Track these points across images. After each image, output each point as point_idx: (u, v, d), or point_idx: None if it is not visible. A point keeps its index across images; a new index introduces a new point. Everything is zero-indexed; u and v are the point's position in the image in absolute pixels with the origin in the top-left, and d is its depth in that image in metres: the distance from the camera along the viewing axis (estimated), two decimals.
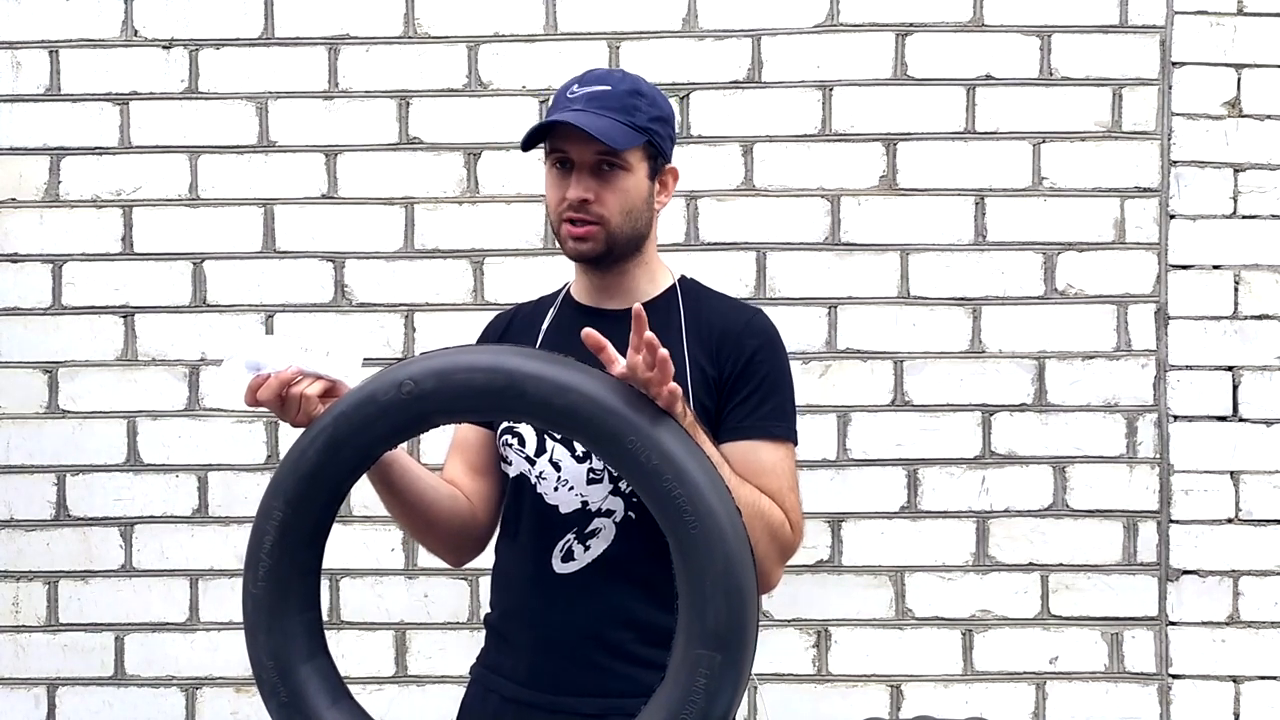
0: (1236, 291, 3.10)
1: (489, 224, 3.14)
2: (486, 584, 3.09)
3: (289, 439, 3.11)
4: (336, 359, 1.86)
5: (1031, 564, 3.10)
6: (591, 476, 1.94)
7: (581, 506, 1.95)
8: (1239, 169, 3.10)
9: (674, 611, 1.84)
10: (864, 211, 3.12)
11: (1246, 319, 3.10)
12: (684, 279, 2.08)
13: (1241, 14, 3.09)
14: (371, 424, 1.77)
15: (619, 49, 3.13)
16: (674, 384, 1.73)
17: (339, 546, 3.13)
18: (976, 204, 3.12)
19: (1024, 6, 3.11)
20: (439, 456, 2.19)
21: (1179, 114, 3.10)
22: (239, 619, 3.20)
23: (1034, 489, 3.10)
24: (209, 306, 3.17)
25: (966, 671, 3.11)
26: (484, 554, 2.13)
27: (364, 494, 3.11)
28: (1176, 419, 3.10)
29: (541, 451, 1.97)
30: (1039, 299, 3.11)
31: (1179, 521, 3.09)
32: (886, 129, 3.12)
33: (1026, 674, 3.11)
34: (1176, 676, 3.09)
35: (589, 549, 1.94)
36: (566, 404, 1.70)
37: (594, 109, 1.92)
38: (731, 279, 3.10)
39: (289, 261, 3.16)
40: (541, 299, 2.14)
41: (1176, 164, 3.10)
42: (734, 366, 1.95)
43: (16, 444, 3.18)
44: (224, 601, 3.15)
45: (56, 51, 3.18)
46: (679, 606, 1.73)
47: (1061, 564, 3.10)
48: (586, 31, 3.12)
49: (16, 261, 3.18)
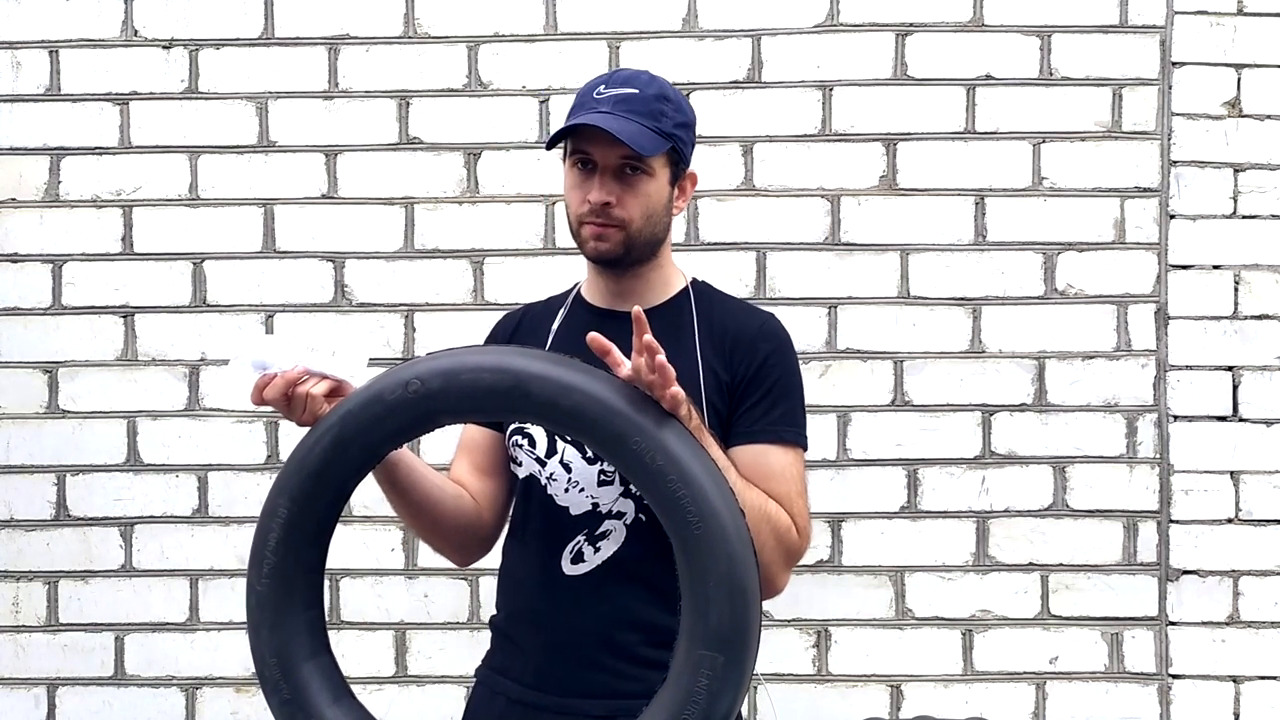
0: (1236, 291, 3.10)
1: (489, 224, 3.14)
2: (487, 584, 3.10)
3: (289, 439, 3.12)
4: (342, 358, 1.86)
5: (1031, 564, 3.10)
6: (603, 478, 1.94)
7: (592, 508, 1.94)
8: (1239, 169, 3.10)
9: (678, 613, 1.84)
10: (864, 211, 3.12)
11: (1246, 319, 3.10)
12: (696, 282, 2.08)
13: (1241, 14, 3.09)
14: (378, 423, 1.77)
15: (619, 49, 3.13)
16: (677, 388, 1.73)
17: (339, 546, 3.11)
18: (976, 204, 3.12)
19: (1024, 6, 3.11)
20: (442, 456, 2.19)
21: (1179, 114, 3.10)
22: (239, 619, 3.22)
23: (1034, 489, 3.11)
24: (209, 306, 3.17)
25: (966, 671, 3.11)
26: (488, 554, 2.13)
27: (364, 494, 3.11)
28: (1176, 419, 3.10)
29: (552, 453, 1.97)
30: (1039, 299, 3.11)
31: (1179, 521, 3.09)
32: (886, 129, 3.12)
33: (1026, 674, 3.11)
34: (1176, 676, 3.09)
35: (599, 551, 1.94)
36: (571, 405, 1.71)
37: (621, 112, 1.91)
38: (731, 279, 3.10)
39: (289, 261, 3.16)
40: (551, 299, 2.13)
41: (1176, 164, 3.10)
42: (746, 371, 1.95)
43: (16, 444, 3.18)
44: (224, 601, 3.15)
45: (56, 51, 3.18)
46: (682, 607, 1.73)
47: (1061, 564, 3.10)
48: (586, 31, 3.12)
49: (16, 261, 3.18)
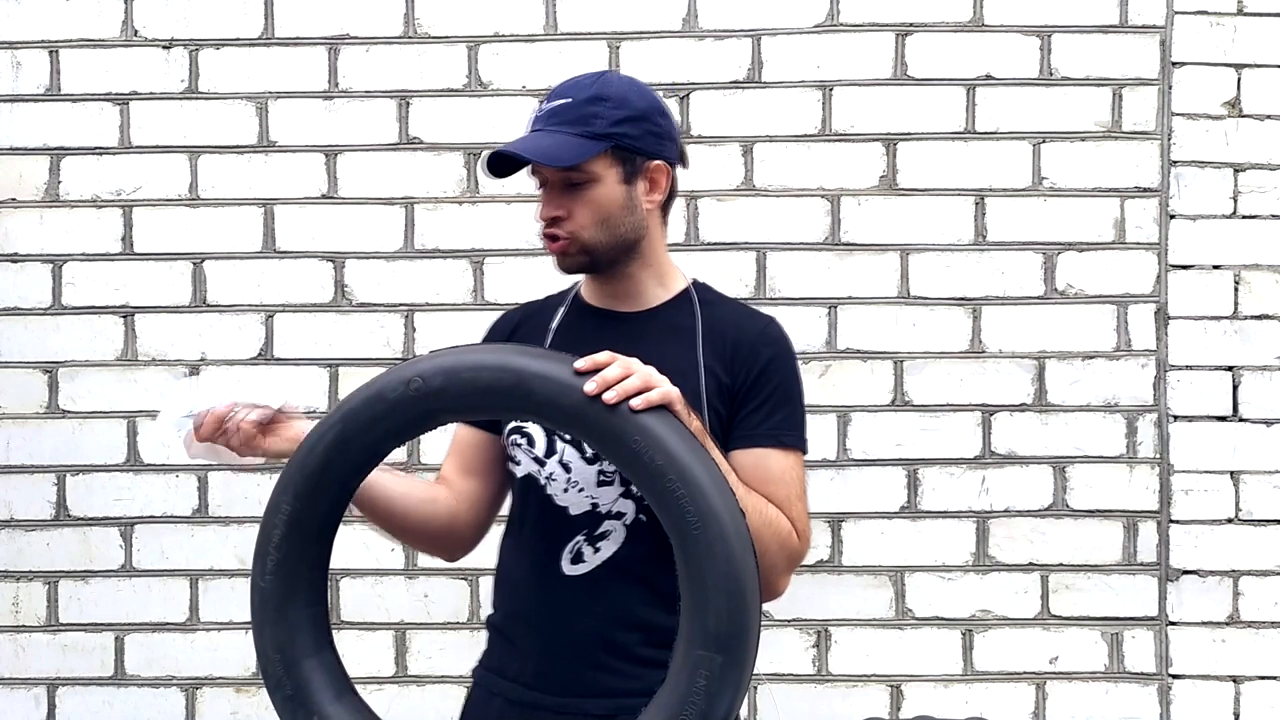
0: (1236, 291, 3.10)
1: (489, 224, 3.14)
2: (487, 584, 3.09)
3: None
4: (270, 392, 1.89)
5: (1031, 564, 3.10)
6: (602, 479, 1.94)
7: (591, 508, 1.94)
8: (1239, 169, 3.10)
9: (676, 613, 1.84)
10: (864, 211, 3.12)
11: (1246, 319, 3.10)
12: (697, 283, 2.06)
13: (1241, 14, 3.09)
14: (379, 421, 1.78)
15: (619, 49, 3.13)
16: (670, 389, 1.75)
17: (339, 546, 3.11)
18: (976, 204, 3.12)
19: (1024, 6, 3.11)
20: (439, 456, 2.18)
21: (1179, 114, 3.10)
22: (239, 619, 3.22)
23: (1034, 489, 3.10)
24: (209, 306, 3.17)
25: (966, 671, 3.11)
26: (484, 553, 2.13)
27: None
28: (1176, 419, 3.10)
29: (551, 453, 1.96)
30: (1039, 299, 3.11)
31: (1179, 521, 3.09)
32: (886, 129, 3.12)
33: (1026, 674, 3.11)
34: (1176, 676, 3.09)
35: (599, 551, 1.93)
36: (572, 404, 1.71)
37: (551, 126, 1.91)
38: (731, 279, 3.10)
39: (289, 261, 3.16)
40: (550, 298, 2.12)
41: (1176, 164, 3.10)
42: (748, 375, 1.94)
43: (16, 444, 3.17)
44: (224, 601, 3.15)
45: (56, 51, 3.18)
46: (681, 607, 1.73)
47: (1061, 564, 3.10)
48: (586, 31, 3.12)
49: (16, 261, 3.18)
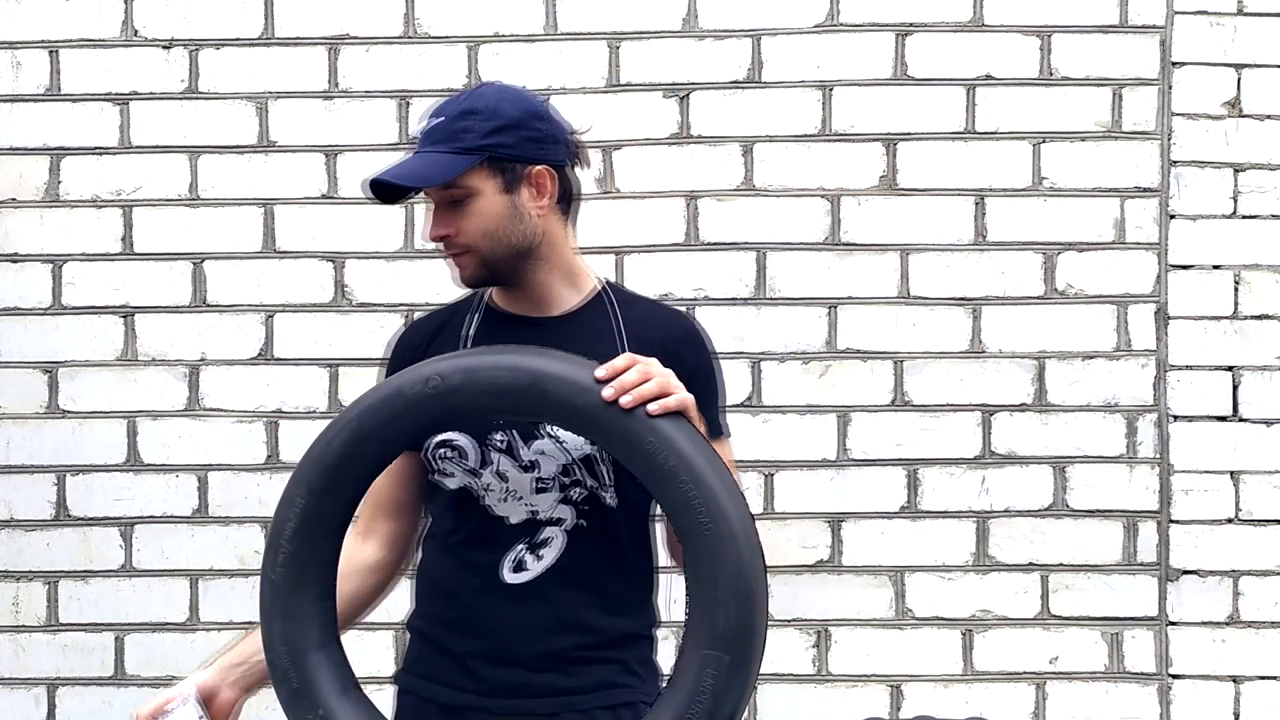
0: (1236, 291, 3.10)
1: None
2: None
3: (290, 440, 3.12)
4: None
5: (1031, 564, 3.10)
6: (539, 486, 1.94)
7: (531, 516, 1.94)
8: (1239, 169, 3.10)
9: (621, 612, 1.92)
10: (864, 211, 3.12)
11: (1246, 319, 3.10)
12: (608, 283, 2.06)
13: (1241, 14, 3.09)
14: (397, 419, 1.79)
15: (619, 49, 3.13)
16: (686, 395, 1.77)
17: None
18: (976, 204, 3.12)
19: (1024, 6, 3.10)
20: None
21: (1179, 114, 3.10)
22: (239, 619, 3.22)
23: (1034, 489, 3.10)
24: (209, 306, 3.17)
25: (966, 671, 3.11)
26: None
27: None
28: (1176, 419, 3.10)
29: (486, 464, 1.95)
30: (1039, 299, 3.11)
31: (1179, 521, 3.09)
32: (886, 129, 3.12)
33: (1026, 674, 3.11)
34: (1176, 676, 3.09)
35: (541, 558, 1.93)
36: (586, 405, 1.73)
37: (424, 147, 1.93)
38: (731, 279, 3.10)
39: (289, 261, 3.16)
40: (458, 305, 2.10)
41: (1176, 164, 3.10)
42: (680, 376, 1.91)
43: (16, 444, 3.17)
44: (224, 601, 3.15)
45: (56, 51, 3.18)
46: (688, 607, 1.74)
47: (1061, 564, 3.10)
48: (586, 31, 3.12)
49: (16, 261, 3.18)
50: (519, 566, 1.94)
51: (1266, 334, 3.09)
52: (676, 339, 1.99)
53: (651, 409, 1.73)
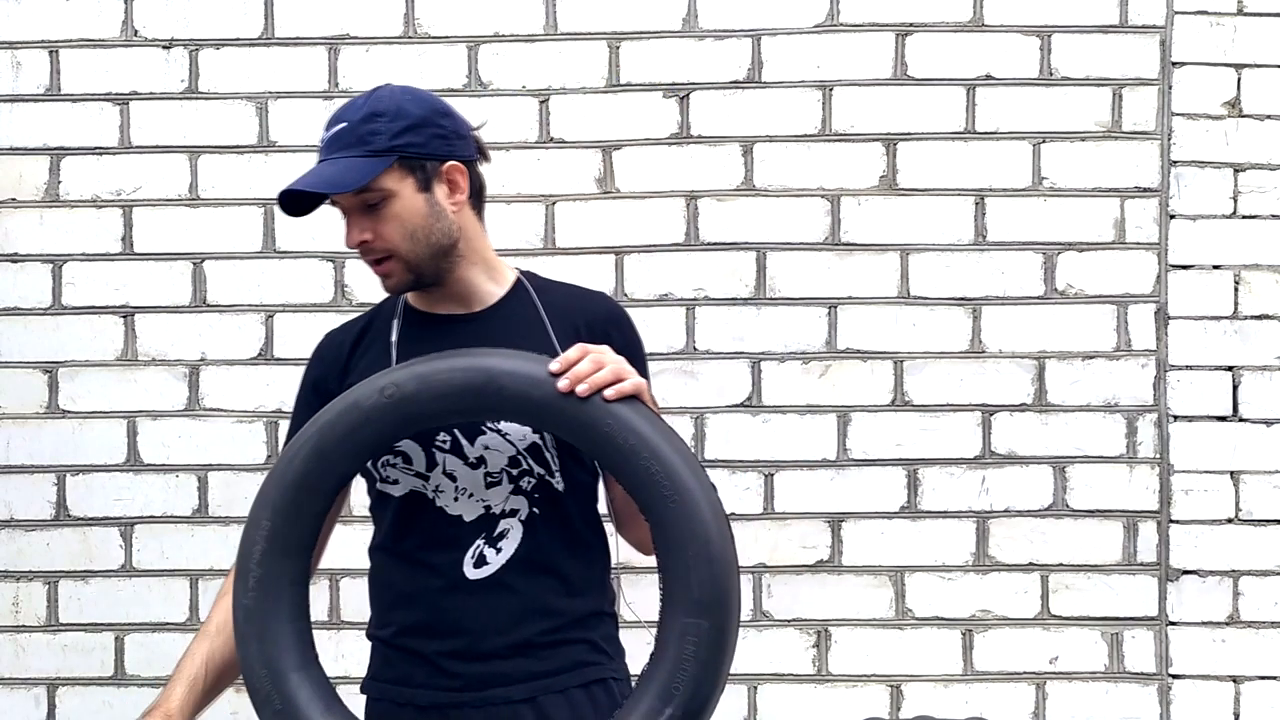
0: (1236, 291, 3.10)
1: (489, 224, 3.12)
2: None
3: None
4: None
5: (1031, 564, 3.10)
6: (489, 480, 1.95)
7: (485, 511, 1.95)
8: (1239, 169, 3.10)
9: (584, 593, 1.97)
10: (864, 211, 3.12)
11: (1246, 319, 3.10)
12: (525, 273, 2.07)
13: (1241, 14, 3.09)
14: (356, 431, 1.81)
15: (619, 49, 3.13)
16: (639, 378, 1.81)
17: (339, 546, 3.11)
18: (976, 204, 3.12)
19: (1024, 6, 3.11)
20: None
21: (1179, 114, 3.10)
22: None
23: (1034, 489, 3.11)
24: (209, 306, 3.17)
25: (966, 671, 3.11)
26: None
27: (364, 494, 3.10)
28: (1176, 419, 3.10)
29: (433, 465, 1.96)
30: (1039, 299, 3.11)
31: (1179, 521, 3.09)
32: (886, 129, 3.12)
33: (1026, 674, 3.11)
34: (1176, 676, 3.09)
35: (500, 551, 1.95)
36: (543, 396, 1.78)
37: (332, 153, 1.93)
38: (731, 279, 3.10)
39: (289, 261, 3.16)
40: (376, 312, 2.10)
41: (1176, 164, 3.10)
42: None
43: (16, 444, 3.17)
44: None
45: (56, 51, 3.18)
46: (662, 580, 1.78)
47: (1061, 564, 3.10)
48: (586, 31, 3.13)
49: (16, 261, 3.18)
50: (480, 561, 1.96)
51: (1266, 334, 3.09)
52: (601, 319, 2.02)
53: (608, 394, 1.77)
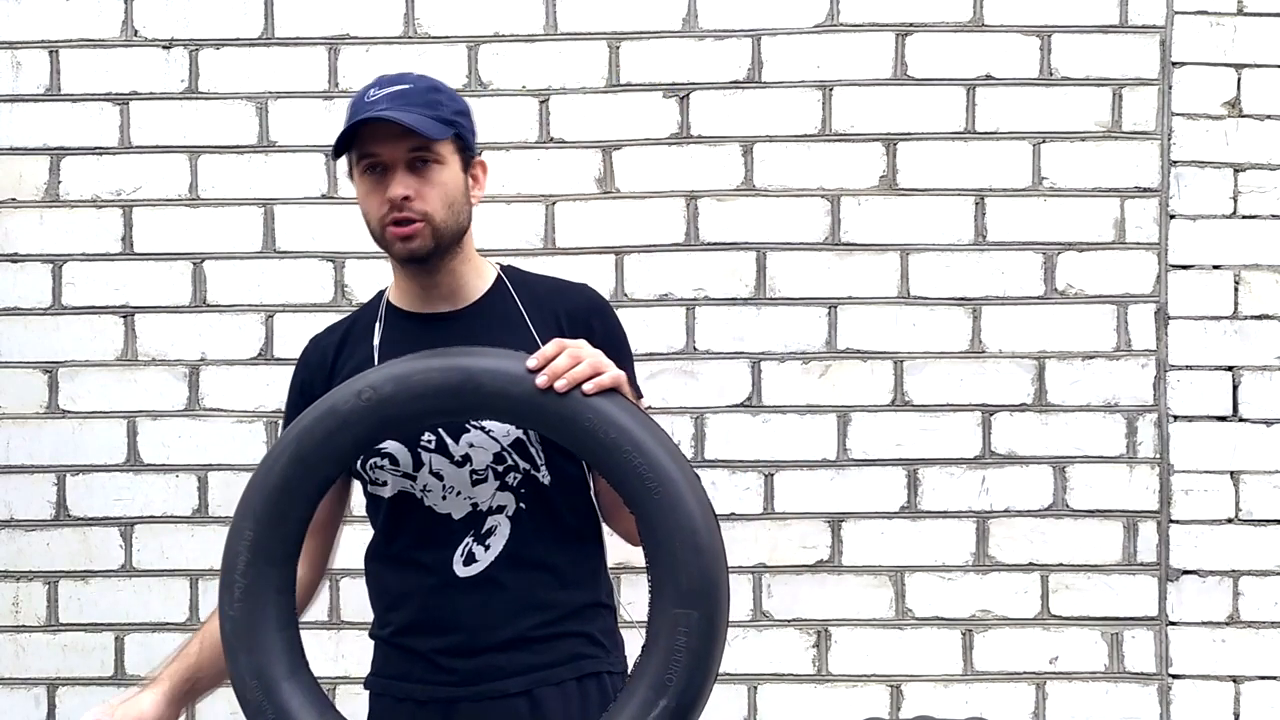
0: (1236, 291, 3.10)
1: (489, 224, 3.13)
2: None
3: None
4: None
5: (1031, 564, 3.10)
6: (475, 478, 1.96)
7: (473, 509, 1.96)
8: (1239, 169, 3.10)
9: (576, 586, 1.97)
10: (864, 211, 3.12)
11: (1246, 319, 3.10)
12: (506, 267, 2.08)
13: (1241, 14, 3.09)
14: (334, 436, 1.81)
15: (619, 49, 3.13)
16: (617, 371, 1.80)
17: (339, 547, 3.12)
18: (976, 204, 3.12)
19: (1024, 6, 3.11)
20: None
21: (1179, 114, 3.10)
22: None
23: (1034, 489, 3.11)
24: (209, 306, 3.17)
25: (966, 671, 3.11)
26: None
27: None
28: (1176, 419, 3.10)
29: (420, 465, 1.97)
30: (1039, 299, 3.11)
31: (1179, 521, 3.09)
32: (886, 129, 3.12)
33: (1026, 674, 3.11)
34: (1176, 676, 3.09)
35: (489, 548, 1.96)
36: (522, 393, 1.77)
37: (400, 106, 1.89)
38: (731, 279, 3.10)
39: (289, 261, 3.16)
40: (359, 314, 2.10)
41: (1176, 164, 3.10)
42: (589, 343, 1.93)
43: (16, 444, 3.17)
44: None
45: (56, 51, 3.18)
46: (650, 572, 1.78)
47: (1061, 564, 3.10)
48: (586, 31, 3.13)
49: (16, 261, 3.18)
50: (469, 559, 1.97)
51: (1266, 334, 3.09)
52: (582, 310, 2.02)
53: (587, 389, 1.76)
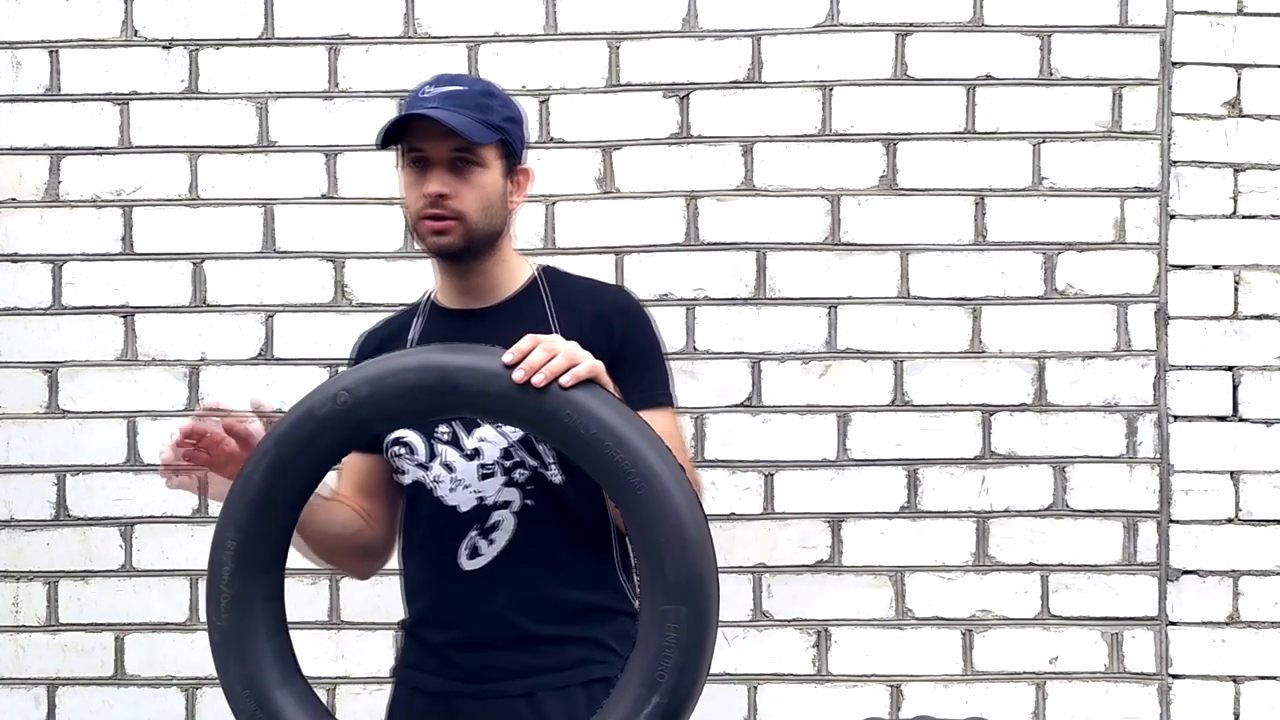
0: (1236, 291, 3.10)
1: None
2: None
3: None
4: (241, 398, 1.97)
5: (1031, 564, 3.10)
6: (483, 472, 1.98)
7: (479, 503, 1.99)
8: (1239, 169, 3.10)
9: (586, 588, 1.98)
10: (864, 211, 3.12)
11: (1246, 319, 3.10)
12: (545, 268, 2.11)
13: (1241, 14, 3.09)
14: (312, 441, 1.80)
15: (619, 49, 3.13)
16: (594, 362, 1.79)
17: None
18: (976, 204, 3.12)
19: (1024, 6, 3.11)
20: None
21: (1179, 114, 3.10)
22: None
23: (1034, 489, 3.10)
24: (209, 306, 3.17)
25: (966, 671, 3.11)
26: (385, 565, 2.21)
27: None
28: (1176, 419, 3.10)
29: (433, 456, 2.00)
30: (1039, 299, 3.11)
31: (1179, 521, 3.09)
32: (886, 129, 3.12)
33: (1026, 674, 3.11)
34: (1176, 676, 3.09)
35: (493, 543, 1.98)
36: (499, 390, 1.75)
37: (450, 107, 1.96)
38: (731, 279, 3.10)
39: (289, 261, 3.16)
40: (406, 310, 2.17)
41: (1176, 164, 3.10)
42: (612, 343, 1.99)
43: (16, 444, 3.17)
44: None
45: (56, 51, 3.18)
46: (639, 568, 1.77)
47: (1061, 564, 3.10)
48: (586, 31, 3.13)
49: (16, 261, 3.18)
50: (474, 553, 1.99)
51: (1266, 334, 3.09)
52: (606, 308, 2.04)
53: (564, 381, 1.75)
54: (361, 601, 3.14)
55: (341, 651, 3.11)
